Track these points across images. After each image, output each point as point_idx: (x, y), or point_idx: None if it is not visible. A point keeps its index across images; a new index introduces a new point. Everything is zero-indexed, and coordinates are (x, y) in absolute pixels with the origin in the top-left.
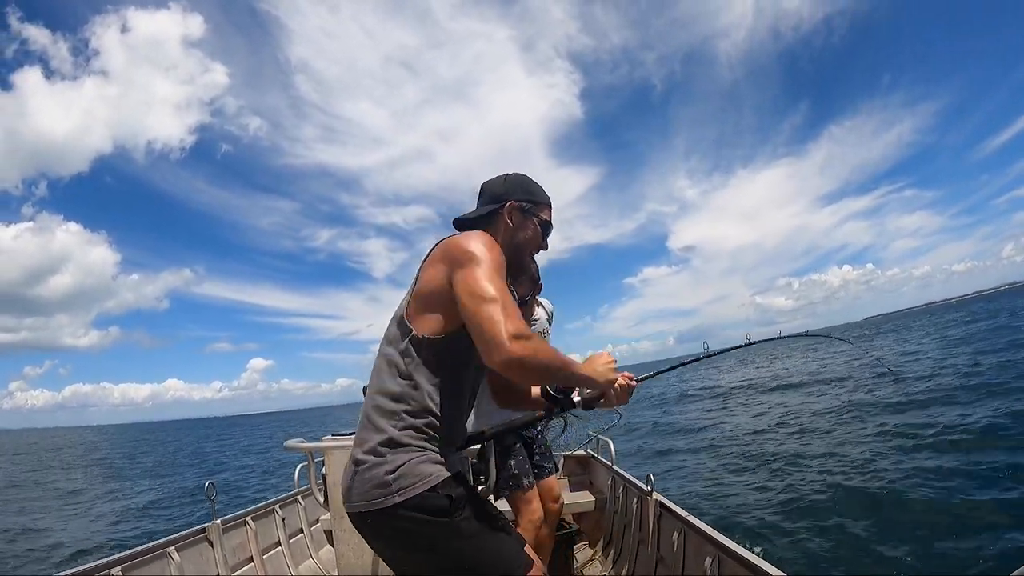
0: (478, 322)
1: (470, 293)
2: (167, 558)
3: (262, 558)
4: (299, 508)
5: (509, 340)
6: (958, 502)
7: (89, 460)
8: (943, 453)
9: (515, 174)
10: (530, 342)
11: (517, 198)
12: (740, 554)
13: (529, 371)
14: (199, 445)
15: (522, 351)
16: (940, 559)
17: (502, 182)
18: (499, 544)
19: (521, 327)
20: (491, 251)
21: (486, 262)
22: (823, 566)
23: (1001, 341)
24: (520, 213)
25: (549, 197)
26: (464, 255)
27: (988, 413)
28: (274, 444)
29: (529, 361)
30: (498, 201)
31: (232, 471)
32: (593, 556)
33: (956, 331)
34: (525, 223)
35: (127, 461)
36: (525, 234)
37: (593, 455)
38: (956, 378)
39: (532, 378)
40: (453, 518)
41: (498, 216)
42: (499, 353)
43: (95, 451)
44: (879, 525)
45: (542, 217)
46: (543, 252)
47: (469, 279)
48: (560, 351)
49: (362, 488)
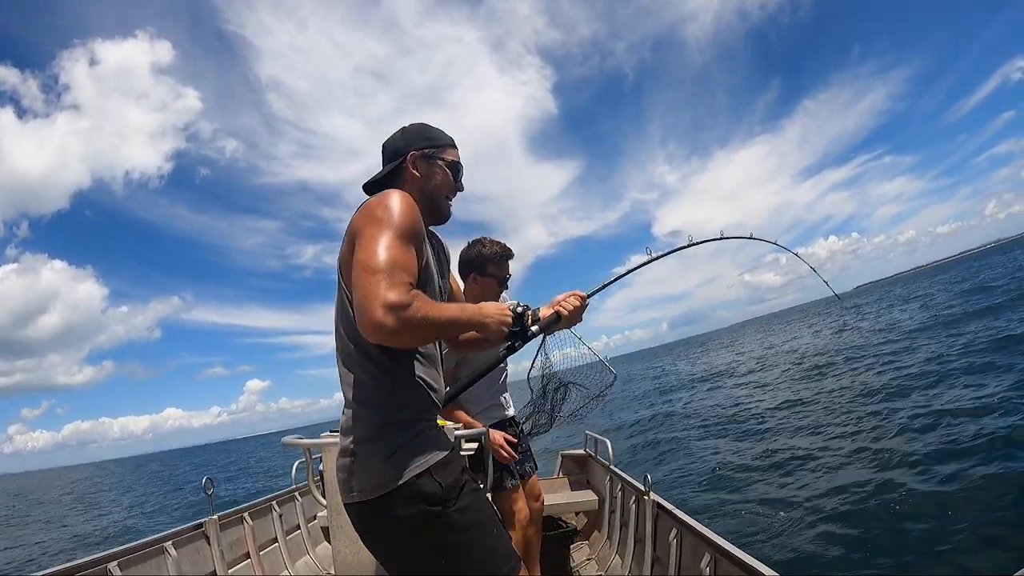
0: (356, 296)
1: (358, 263)
2: (164, 554)
3: (259, 554)
4: (296, 505)
5: (384, 312)
6: (958, 501)
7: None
8: (941, 450)
9: (412, 124)
10: (404, 311)
11: (418, 147)
12: (736, 555)
13: (408, 339)
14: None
15: (394, 322)
16: (940, 558)
17: (400, 135)
18: (492, 541)
19: (396, 297)
20: (397, 211)
21: (387, 223)
22: (819, 567)
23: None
24: (424, 161)
25: (451, 137)
26: (366, 219)
27: (983, 400)
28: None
29: (405, 332)
30: (400, 155)
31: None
32: (590, 556)
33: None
34: (432, 169)
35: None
36: (435, 180)
37: (591, 455)
38: (949, 361)
39: (416, 343)
40: (446, 508)
41: (403, 170)
42: (370, 327)
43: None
44: (877, 524)
45: (447, 159)
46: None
47: (362, 246)
48: (446, 307)
49: (360, 478)
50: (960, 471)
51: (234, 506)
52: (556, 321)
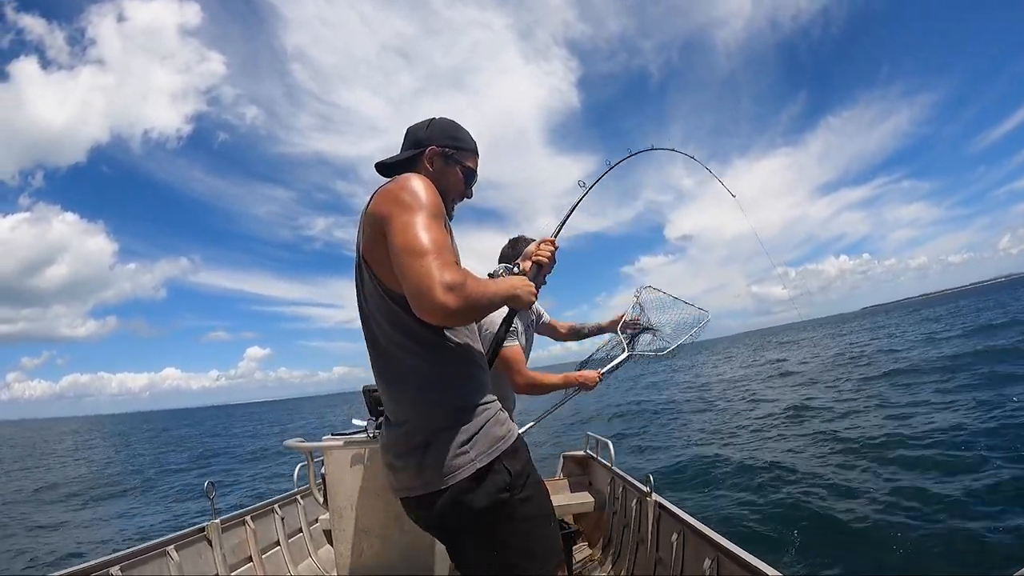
0: (409, 281)
1: (402, 248)
2: (166, 557)
3: (261, 558)
4: (298, 508)
5: (443, 292)
6: (957, 500)
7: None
8: (941, 451)
9: (441, 118)
10: (462, 290)
11: (440, 143)
12: (739, 555)
13: (467, 317)
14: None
15: (454, 301)
16: (940, 559)
17: (425, 127)
18: (549, 534)
19: (453, 277)
20: (424, 193)
21: (419, 208)
22: (823, 567)
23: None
24: (442, 159)
25: (475, 144)
26: (395, 204)
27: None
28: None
29: (464, 311)
30: (420, 146)
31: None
32: (592, 557)
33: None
34: (446, 170)
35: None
36: (447, 180)
37: (592, 456)
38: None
39: (474, 319)
40: (512, 495)
41: (418, 161)
42: (432, 310)
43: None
44: (877, 524)
45: (466, 164)
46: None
47: (400, 232)
48: (491, 282)
49: (437, 468)
50: (958, 469)
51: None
52: (539, 271)
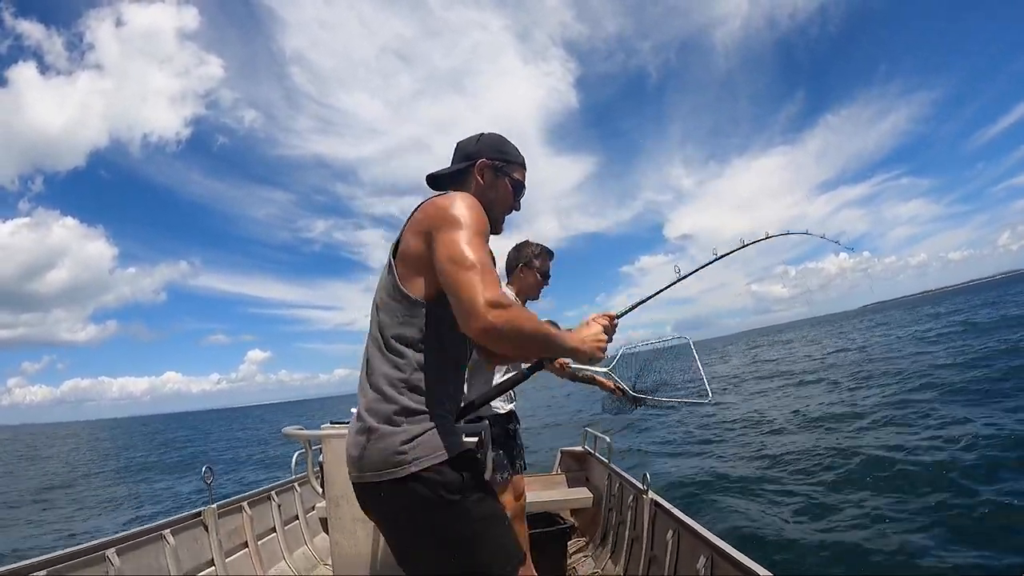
0: (456, 289)
1: (449, 258)
2: (162, 541)
3: (257, 544)
4: (295, 495)
5: (486, 308)
6: (957, 501)
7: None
8: (941, 451)
9: (489, 133)
10: (508, 311)
11: (489, 156)
12: (733, 555)
13: (506, 340)
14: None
15: (498, 319)
16: (939, 560)
17: (475, 141)
18: (503, 533)
19: (499, 295)
20: (473, 213)
21: (468, 226)
22: (815, 568)
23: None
24: (492, 172)
25: (523, 157)
26: (445, 218)
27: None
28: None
29: (506, 330)
30: (470, 159)
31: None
32: (587, 553)
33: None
34: (496, 182)
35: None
36: (496, 193)
37: (591, 452)
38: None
39: (510, 347)
40: (465, 497)
41: (469, 174)
42: (476, 321)
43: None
44: (874, 525)
45: (514, 177)
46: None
47: (448, 244)
48: (545, 323)
49: (375, 457)
50: (959, 469)
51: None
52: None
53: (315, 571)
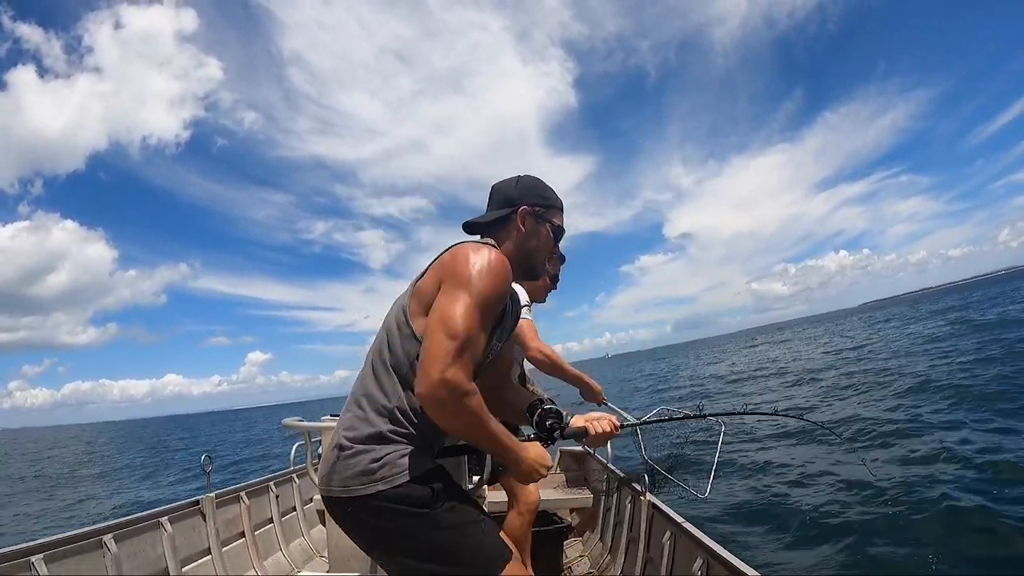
0: (426, 346)
1: (439, 315)
2: (159, 528)
3: (254, 534)
4: (293, 486)
5: (439, 381)
6: (957, 502)
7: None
8: (939, 453)
9: (527, 176)
10: (460, 398)
11: (530, 202)
12: (729, 560)
13: (447, 420)
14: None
15: (444, 397)
16: (939, 561)
17: (514, 185)
18: (479, 537)
19: (461, 378)
20: (491, 276)
21: (476, 293)
22: (810, 570)
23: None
24: (533, 218)
25: (561, 200)
26: (460, 274)
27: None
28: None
29: (448, 411)
30: (510, 205)
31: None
32: (583, 553)
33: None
34: (538, 228)
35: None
36: (538, 240)
37: (590, 452)
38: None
39: (447, 426)
40: (434, 509)
41: (510, 221)
42: (424, 386)
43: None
44: (873, 528)
45: (555, 222)
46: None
47: (447, 301)
48: (493, 423)
49: (344, 474)
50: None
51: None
52: (582, 435)
53: (311, 563)
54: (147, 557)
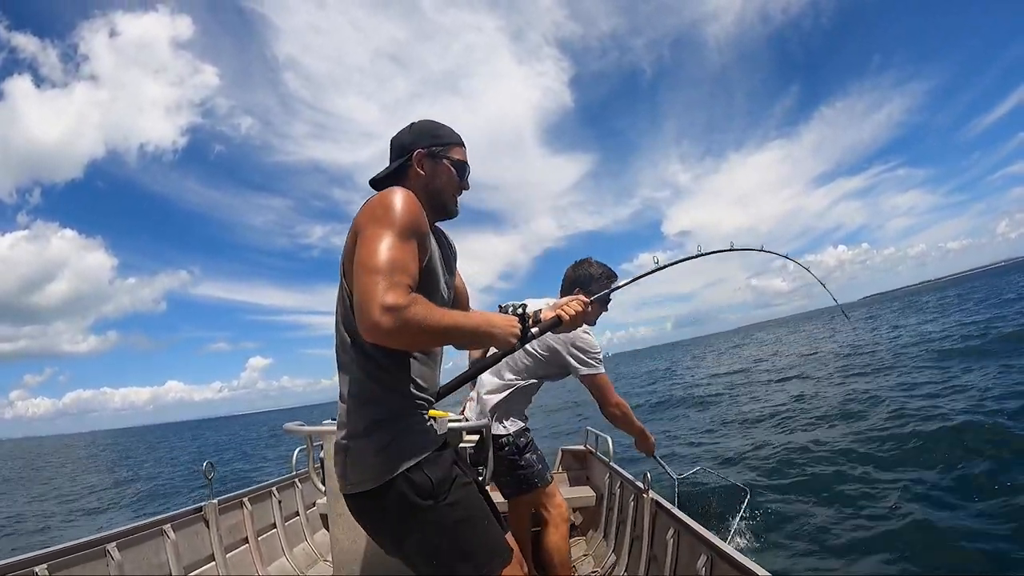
0: (356, 296)
1: (358, 262)
2: (162, 536)
3: (257, 539)
4: (296, 491)
5: (380, 313)
6: (959, 500)
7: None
8: (941, 450)
9: (420, 120)
10: (401, 312)
11: (424, 144)
12: (732, 556)
13: (406, 341)
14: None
15: (391, 323)
16: (937, 560)
17: (408, 132)
18: (482, 535)
19: (395, 298)
20: (397, 206)
21: (388, 221)
22: (813, 568)
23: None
24: (430, 159)
25: (459, 136)
26: (366, 220)
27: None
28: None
29: (401, 331)
30: (406, 152)
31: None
32: (586, 552)
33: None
34: (437, 168)
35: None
36: (440, 179)
37: (591, 451)
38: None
39: (414, 345)
40: (438, 502)
41: (408, 168)
42: (365, 326)
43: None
44: (871, 526)
45: (454, 157)
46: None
47: (363, 245)
48: (450, 313)
49: (354, 470)
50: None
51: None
52: (556, 324)
53: (315, 567)
54: (151, 565)
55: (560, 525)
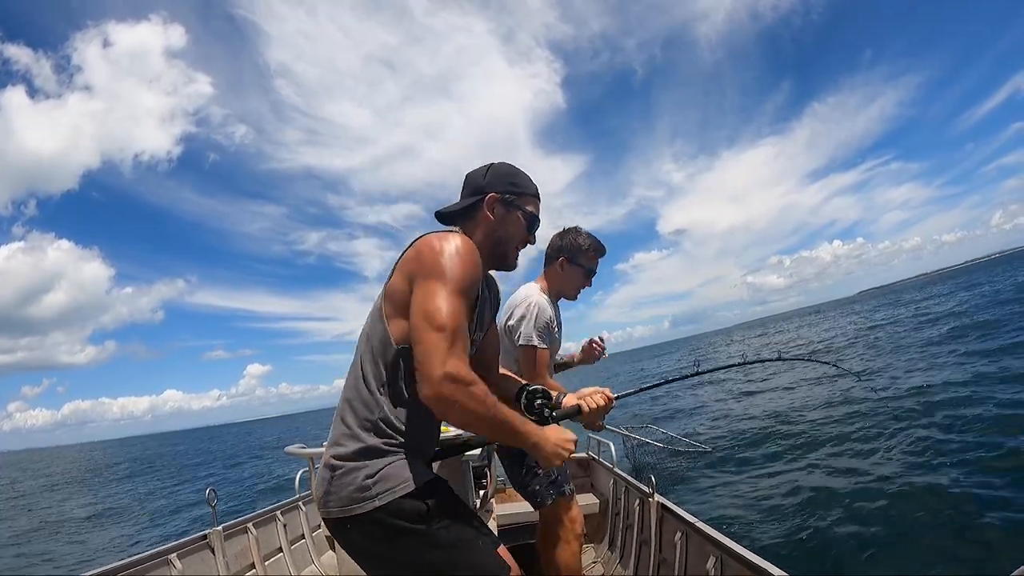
0: (418, 348)
1: (422, 313)
2: (168, 565)
3: (264, 564)
4: (301, 514)
5: (441, 378)
6: (959, 500)
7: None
8: (946, 449)
9: (500, 163)
10: (464, 388)
11: (499, 190)
12: (743, 555)
13: (455, 416)
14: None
15: (451, 394)
16: (943, 558)
17: (484, 172)
18: (479, 555)
19: (459, 367)
20: (461, 262)
21: (451, 279)
22: (828, 566)
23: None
24: (502, 205)
25: (536, 187)
26: (430, 265)
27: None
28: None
29: (457, 407)
30: (480, 192)
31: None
32: (595, 558)
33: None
34: (508, 216)
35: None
36: (508, 229)
37: (594, 457)
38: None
39: (459, 423)
40: (431, 526)
41: (479, 209)
42: (428, 388)
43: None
44: (886, 523)
45: (527, 210)
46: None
47: (425, 296)
48: (506, 409)
49: (340, 493)
50: (962, 469)
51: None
52: (576, 414)
53: None
54: None
55: (572, 542)
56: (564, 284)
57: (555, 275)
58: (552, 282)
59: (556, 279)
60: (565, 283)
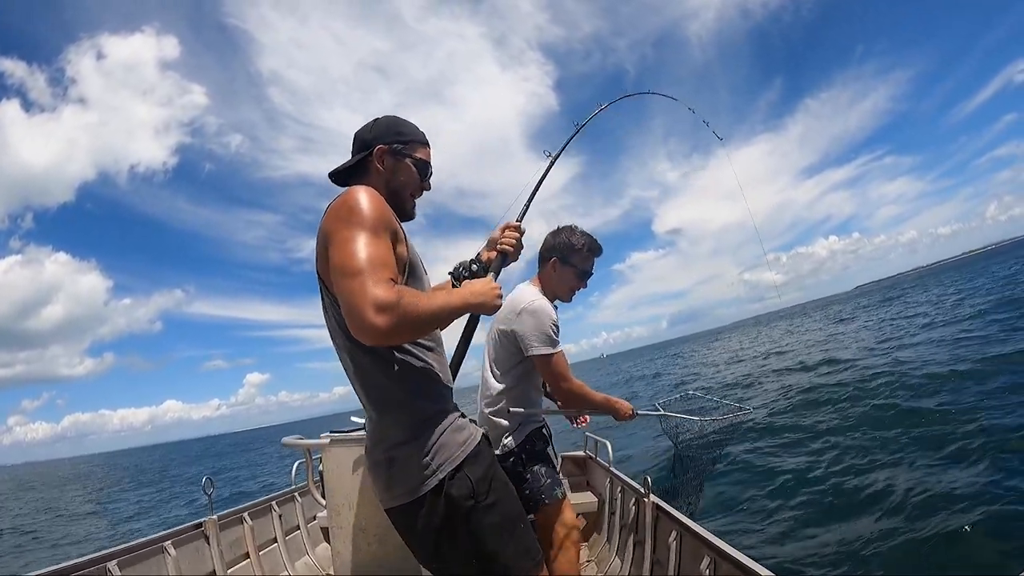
0: (342, 301)
1: (336, 269)
2: (163, 553)
3: (258, 554)
4: (296, 505)
5: (373, 315)
6: (960, 500)
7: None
8: (943, 450)
9: (385, 116)
10: (395, 309)
11: (387, 141)
12: (736, 557)
13: (404, 336)
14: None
15: (386, 323)
16: (943, 558)
17: (371, 127)
18: (520, 536)
19: (382, 294)
20: (362, 208)
21: (355, 223)
22: (817, 568)
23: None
24: (391, 156)
25: (423, 134)
26: (334, 224)
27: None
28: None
29: (399, 328)
30: (367, 147)
31: None
32: (589, 558)
33: None
34: (399, 165)
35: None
36: (400, 177)
37: (591, 456)
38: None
39: (411, 336)
40: (478, 503)
41: (368, 163)
42: (364, 333)
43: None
44: (877, 525)
45: (416, 156)
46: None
47: (335, 253)
48: (437, 296)
49: (402, 481)
50: (962, 468)
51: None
52: (505, 260)
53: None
54: None
55: (568, 548)
56: (557, 286)
57: (548, 276)
58: (545, 283)
59: (549, 280)
60: (558, 285)
